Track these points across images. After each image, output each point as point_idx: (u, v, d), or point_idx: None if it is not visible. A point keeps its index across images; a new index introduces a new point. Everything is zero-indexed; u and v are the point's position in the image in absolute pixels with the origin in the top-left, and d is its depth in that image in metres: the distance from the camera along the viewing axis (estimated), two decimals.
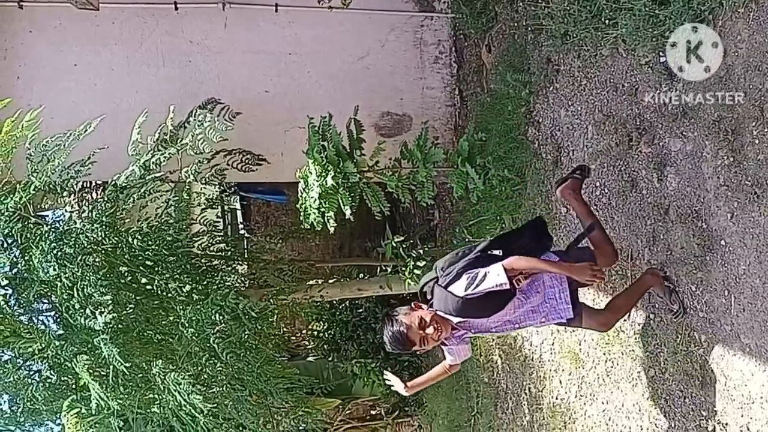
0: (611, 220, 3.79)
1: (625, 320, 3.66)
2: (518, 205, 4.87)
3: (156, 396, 4.57)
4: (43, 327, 4.62)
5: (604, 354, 3.87)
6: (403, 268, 5.77)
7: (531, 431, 4.79)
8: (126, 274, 4.55)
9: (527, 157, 4.75)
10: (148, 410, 4.74)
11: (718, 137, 2.92)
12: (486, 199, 5.13)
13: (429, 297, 3.01)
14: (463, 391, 6.23)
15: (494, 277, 2.72)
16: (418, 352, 3.36)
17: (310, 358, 7.59)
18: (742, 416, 2.83)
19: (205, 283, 4.89)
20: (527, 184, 4.77)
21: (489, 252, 2.99)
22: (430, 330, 2.85)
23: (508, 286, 2.72)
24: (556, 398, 4.46)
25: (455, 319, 2.91)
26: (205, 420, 4.39)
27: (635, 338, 3.58)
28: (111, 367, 3.75)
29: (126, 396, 3.88)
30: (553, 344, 4.52)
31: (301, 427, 6.55)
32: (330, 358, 7.28)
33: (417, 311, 2.91)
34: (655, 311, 3.44)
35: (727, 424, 2.91)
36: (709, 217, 3.01)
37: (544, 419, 4.60)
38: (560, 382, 4.42)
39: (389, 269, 6.08)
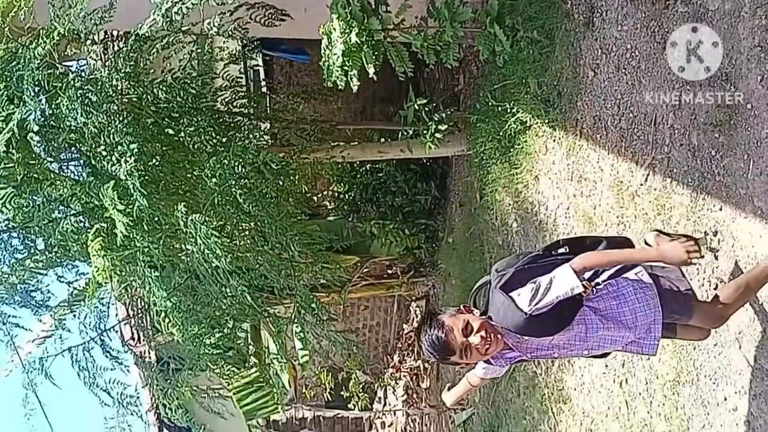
0: (638, 84, 3.73)
1: (641, 184, 3.71)
2: (545, 69, 4.77)
3: (181, 246, 4.80)
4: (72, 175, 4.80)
5: (618, 218, 3.95)
6: (425, 132, 5.78)
7: None
8: (151, 126, 4.62)
9: (558, 18, 4.59)
10: (175, 259, 5.00)
11: None
12: (512, 62, 5.03)
13: (480, 303, 2.58)
14: (477, 253, 6.43)
15: (563, 281, 2.28)
16: (458, 367, 2.83)
17: (330, 218, 7.79)
18: None
19: (228, 137, 4.96)
20: (556, 47, 4.65)
21: (553, 251, 2.59)
22: (476, 339, 2.36)
23: (581, 289, 2.29)
24: None
25: (513, 337, 2.45)
26: (226, 267, 4.61)
27: (649, 201, 3.63)
28: (135, 203, 3.91)
29: (150, 236, 4.06)
30: (568, 208, 4.61)
31: (321, 281, 6.90)
32: (349, 219, 7.48)
33: (464, 314, 2.44)
34: (672, 175, 3.46)
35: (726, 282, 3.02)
36: (738, 79, 2.95)
37: None
38: None
39: (411, 132, 6.11)
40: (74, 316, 4.94)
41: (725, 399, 3.04)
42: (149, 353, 6.50)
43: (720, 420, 3.08)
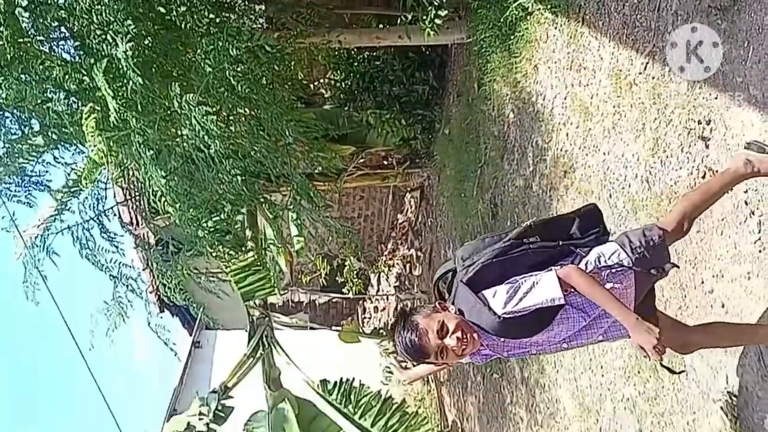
0: None
1: (640, 73, 3.68)
2: None
3: (176, 130, 4.79)
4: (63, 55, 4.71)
5: (614, 107, 3.94)
6: (424, 18, 5.64)
7: (532, 179, 5.06)
8: (142, 2, 4.49)
9: None
10: (171, 143, 5.01)
11: None
12: None
13: (444, 290, 2.50)
14: (473, 143, 6.45)
15: (545, 290, 2.19)
16: (435, 366, 2.73)
17: (326, 106, 7.74)
18: None
19: (222, 17, 4.83)
20: None
21: (524, 239, 2.41)
22: (452, 341, 2.26)
23: (562, 302, 2.20)
24: (561, 150, 4.64)
25: (488, 337, 2.34)
26: (222, 151, 4.61)
27: (647, 90, 3.62)
28: (129, 84, 3.87)
29: (145, 117, 4.05)
30: (566, 98, 4.58)
31: (317, 170, 6.95)
32: (346, 107, 7.43)
33: (440, 313, 2.32)
34: (666, 75, 3.43)
35: (717, 171, 3.07)
36: None
37: (546, 169, 4.83)
38: (567, 135, 4.56)
39: (409, 18, 5.95)
40: (74, 197, 5.00)
41: (702, 282, 3.18)
42: (148, 235, 6.64)
43: (696, 302, 3.23)
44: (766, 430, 2.81)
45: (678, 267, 2.48)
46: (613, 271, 2.35)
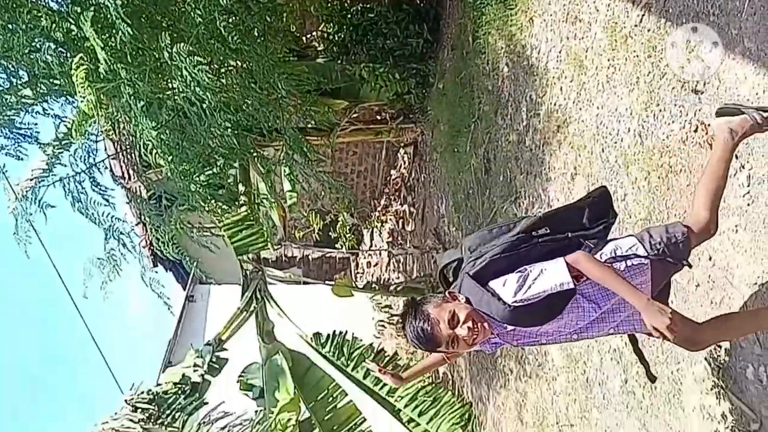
0: None
1: (636, 25, 3.64)
2: None
3: (167, 82, 4.73)
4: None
5: (609, 60, 3.91)
6: None
7: (526, 134, 5.05)
8: None
9: None
10: (162, 95, 4.95)
11: None
12: None
13: (451, 280, 2.49)
14: (466, 98, 6.41)
15: (554, 275, 2.19)
16: (446, 356, 2.76)
17: (319, 60, 7.63)
18: None
19: None
20: None
21: (534, 232, 2.37)
22: (462, 331, 2.28)
23: (571, 286, 2.19)
24: (554, 105, 4.62)
25: (498, 326, 2.34)
26: (213, 103, 4.57)
27: (642, 43, 3.59)
28: (118, 34, 3.81)
29: (134, 68, 4.00)
30: (560, 52, 4.54)
31: (309, 124, 6.91)
32: (339, 61, 7.33)
33: (450, 303, 2.34)
34: (668, 16, 3.39)
35: (709, 125, 3.07)
36: None
37: (539, 124, 4.82)
38: (561, 89, 4.54)
39: None
40: (65, 149, 4.97)
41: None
42: (140, 189, 6.63)
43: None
44: (748, 378, 2.88)
45: (691, 266, 2.44)
46: (628, 264, 2.33)
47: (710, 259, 3.08)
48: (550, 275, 2.19)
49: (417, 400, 5.91)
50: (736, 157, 2.87)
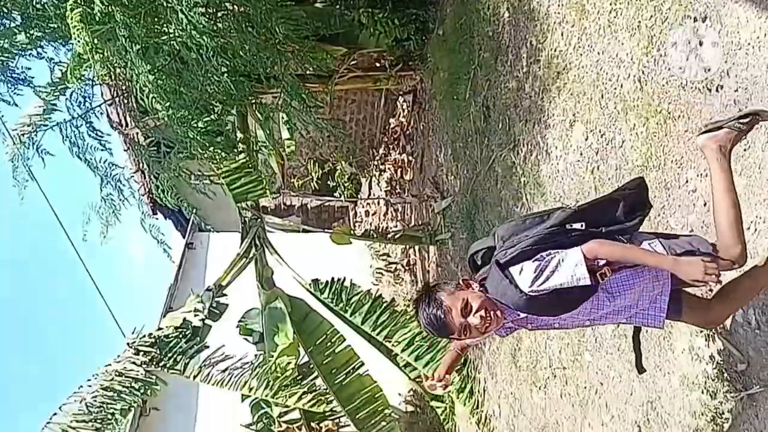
0: None
1: None
2: None
3: (163, 26, 4.66)
4: None
5: (611, 4, 3.85)
6: None
7: (525, 81, 5.01)
8: None
9: None
10: (158, 39, 4.89)
11: None
12: None
13: (479, 265, 2.47)
14: (466, 44, 6.33)
15: (570, 268, 2.15)
16: (460, 343, 2.75)
17: (317, 4, 7.49)
18: (725, 62, 2.96)
19: None
20: None
21: (568, 226, 2.31)
22: (475, 320, 2.27)
23: (587, 282, 2.15)
24: (555, 50, 4.57)
25: (512, 314, 2.34)
26: (210, 46, 4.50)
27: None
28: None
29: (129, 9, 3.94)
30: None
31: (307, 71, 6.83)
32: (337, 6, 7.20)
33: (464, 291, 2.32)
34: None
35: (709, 69, 3.06)
36: None
37: (539, 71, 4.78)
38: (561, 34, 4.48)
39: None
40: (61, 94, 4.93)
41: (686, 181, 3.23)
42: (138, 136, 6.61)
43: (678, 201, 3.30)
44: (736, 320, 2.94)
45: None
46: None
47: (705, 204, 3.10)
48: (566, 268, 2.17)
49: (414, 345, 6.01)
50: (734, 102, 2.87)
